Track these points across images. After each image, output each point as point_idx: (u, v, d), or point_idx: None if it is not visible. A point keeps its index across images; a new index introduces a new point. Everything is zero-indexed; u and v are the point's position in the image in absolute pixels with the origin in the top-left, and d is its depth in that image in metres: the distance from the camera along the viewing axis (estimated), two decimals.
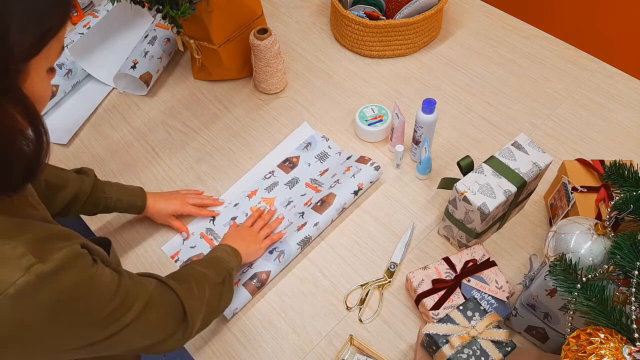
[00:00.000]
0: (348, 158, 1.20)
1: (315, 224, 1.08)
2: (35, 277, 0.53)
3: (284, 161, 1.22)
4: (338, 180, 1.15)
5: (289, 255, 1.05)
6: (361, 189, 1.13)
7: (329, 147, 1.24)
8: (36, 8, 0.52)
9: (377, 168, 1.15)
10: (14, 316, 0.53)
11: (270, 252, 1.06)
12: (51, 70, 0.59)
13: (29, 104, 0.54)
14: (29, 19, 0.51)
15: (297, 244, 1.06)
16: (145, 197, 1.06)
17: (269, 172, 1.20)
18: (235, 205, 1.15)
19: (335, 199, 1.11)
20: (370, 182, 1.15)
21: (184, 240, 1.11)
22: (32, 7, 0.51)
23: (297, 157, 1.22)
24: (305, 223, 1.08)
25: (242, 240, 1.02)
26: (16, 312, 0.53)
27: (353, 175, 1.14)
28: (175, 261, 1.08)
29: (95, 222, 1.14)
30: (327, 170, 1.20)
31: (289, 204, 1.15)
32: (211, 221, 1.13)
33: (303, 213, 1.12)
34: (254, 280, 1.02)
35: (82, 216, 1.12)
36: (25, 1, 0.51)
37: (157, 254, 1.10)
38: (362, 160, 1.18)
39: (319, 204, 1.11)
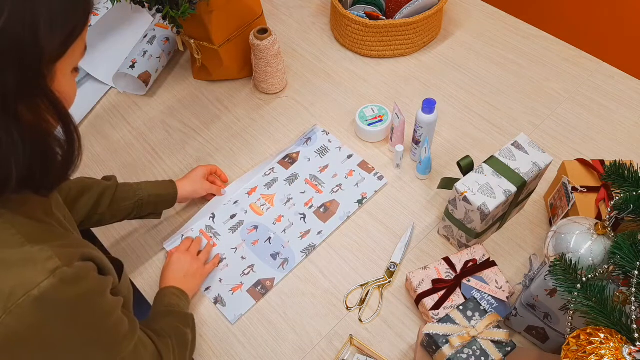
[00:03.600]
0: (349, 157, 1.21)
1: (319, 233, 1.10)
2: (59, 281, 0.54)
3: (284, 157, 1.22)
4: (340, 185, 1.16)
5: (293, 263, 1.06)
6: (365, 197, 1.14)
7: (329, 141, 1.25)
8: (61, 9, 0.52)
9: (380, 178, 1.17)
10: (34, 317, 0.54)
11: (275, 259, 1.07)
12: (75, 70, 0.59)
13: (59, 105, 0.55)
14: (55, 20, 0.52)
15: (301, 252, 1.07)
16: (175, 183, 1.06)
17: (269, 169, 1.20)
18: (235, 202, 1.15)
19: (339, 208, 1.13)
20: (375, 191, 1.16)
21: (183, 235, 1.11)
22: (57, 8, 0.52)
23: (297, 153, 1.23)
24: (309, 231, 1.10)
25: (185, 276, 0.99)
26: (37, 314, 0.54)
27: (357, 184, 1.16)
28: None
29: None
30: (327, 166, 1.20)
31: (288, 201, 1.15)
32: (211, 219, 1.13)
33: (305, 216, 1.12)
34: (258, 287, 1.03)
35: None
36: (50, 3, 0.51)
37: (157, 254, 1.10)
38: (365, 167, 1.19)
39: (322, 210, 1.13)
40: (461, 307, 0.83)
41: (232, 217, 1.14)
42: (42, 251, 0.55)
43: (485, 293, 0.94)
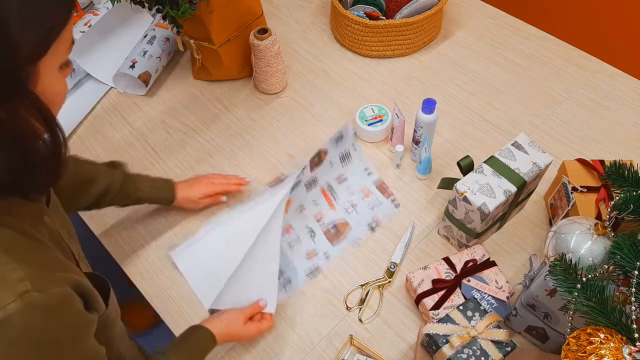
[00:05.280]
0: (366, 170, 1.18)
1: (326, 254, 1.07)
2: (26, 306, 0.49)
3: (315, 156, 1.09)
4: (355, 206, 1.13)
5: (296, 285, 1.03)
6: (377, 224, 1.11)
7: (353, 145, 1.18)
8: (35, 3, 0.49)
9: (397, 205, 1.13)
10: None
11: (279, 278, 0.99)
12: (65, 65, 0.56)
13: (42, 107, 0.52)
14: (28, 16, 0.48)
15: (307, 275, 1.04)
16: (174, 189, 1.07)
17: (302, 168, 1.08)
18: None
19: (350, 232, 1.09)
20: (388, 218, 1.12)
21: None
22: (29, 2, 0.48)
23: (325, 152, 1.12)
24: (316, 251, 1.07)
25: (233, 335, 0.91)
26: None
27: (372, 208, 1.13)
28: None
29: (96, 223, 1.14)
30: (345, 179, 1.16)
31: (301, 211, 1.11)
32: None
33: (314, 234, 1.09)
34: None
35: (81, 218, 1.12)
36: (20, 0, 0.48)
37: (157, 254, 1.10)
38: (382, 189, 1.15)
39: (332, 230, 1.10)
40: (461, 307, 0.83)
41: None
42: (15, 271, 0.50)
43: (485, 293, 0.94)
